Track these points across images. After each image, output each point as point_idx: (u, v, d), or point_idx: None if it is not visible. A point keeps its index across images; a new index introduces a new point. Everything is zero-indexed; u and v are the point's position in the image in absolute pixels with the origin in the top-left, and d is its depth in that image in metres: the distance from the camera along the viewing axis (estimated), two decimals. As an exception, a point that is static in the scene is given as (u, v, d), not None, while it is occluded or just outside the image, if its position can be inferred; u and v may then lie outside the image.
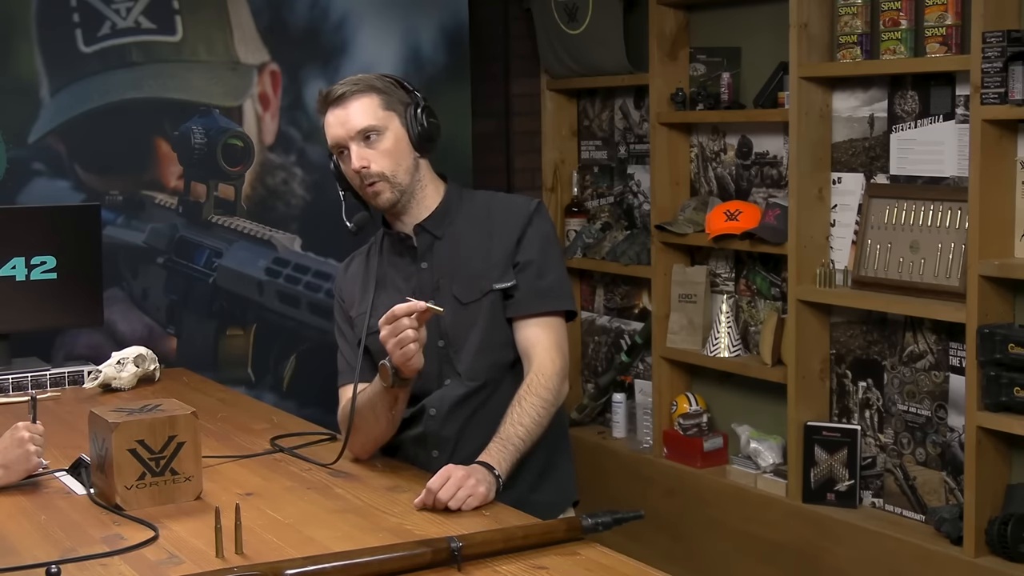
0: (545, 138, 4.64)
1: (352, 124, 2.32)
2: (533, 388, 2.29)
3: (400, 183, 2.36)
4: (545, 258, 2.39)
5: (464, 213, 2.43)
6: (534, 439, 2.26)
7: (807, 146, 3.49)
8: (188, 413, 2.13)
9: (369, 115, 2.33)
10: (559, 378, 2.33)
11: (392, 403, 2.27)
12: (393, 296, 2.39)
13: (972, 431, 3.03)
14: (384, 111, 2.35)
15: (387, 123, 2.34)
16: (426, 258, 2.40)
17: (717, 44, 3.95)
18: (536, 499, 2.34)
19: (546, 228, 2.43)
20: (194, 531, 1.99)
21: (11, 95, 3.49)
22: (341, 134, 2.34)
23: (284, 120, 3.89)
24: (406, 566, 1.78)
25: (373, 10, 4.01)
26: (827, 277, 3.45)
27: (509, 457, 2.20)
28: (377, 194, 2.35)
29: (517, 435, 2.23)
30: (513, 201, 2.50)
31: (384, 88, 2.36)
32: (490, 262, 2.36)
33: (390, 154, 2.34)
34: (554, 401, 2.31)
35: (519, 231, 2.39)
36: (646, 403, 4.18)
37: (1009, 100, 2.89)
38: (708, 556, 3.79)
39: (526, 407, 2.27)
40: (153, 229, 3.72)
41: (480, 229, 2.41)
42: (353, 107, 2.33)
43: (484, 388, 2.37)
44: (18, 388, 3.10)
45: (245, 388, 3.77)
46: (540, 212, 2.43)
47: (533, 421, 2.26)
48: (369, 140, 2.33)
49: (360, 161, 2.32)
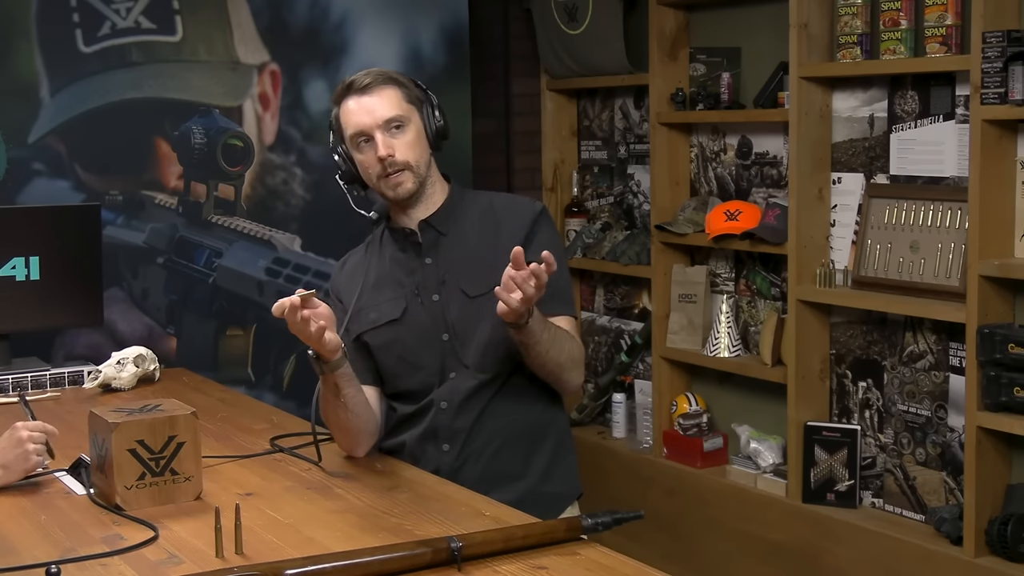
0: (545, 138, 4.64)
1: (379, 113, 2.32)
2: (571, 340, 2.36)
3: (421, 174, 2.37)
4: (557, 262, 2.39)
5: (468, 211, 2.44)
6: (552, 350, 2.29)
7: (807, 146, 3.49)
8: (188, 413, 2.13)
9: (395, 105, 2.34)
10: (582, 365, 2.40)
11: (335, 390, 2.25)
12: (395, 291, 2.40)
13: (972, 431, 3.03)
14: (407, 104, 2.36)
15: (410, 115, 2.36)
16: (430, 254, 2.40)
17: (717, 44, 3.95)
18: (547, 490, 2.37)
19: (554, 233, 2.47)
20: (194, 531, 1.98)
21: (11, 95, 3.50)
22: (367, 121, 2.33)
23: (284, 120, 3.89)
24: (406, 566, 1.78)
25: (373, 10, 4.01)
26: (827, 277, 3.45)
27: (542, 319, 2.25)
28: (399, 184, 2.35)
29: (551, 327, 2.29)
30: (517, 200, 2.52)
31: (403, 82, 2.38)
32: (497, 256, 2.35)
33: (413, 146, 2.35)
34: (571, 368, 2.36)
35: (527, 228, 2.40)
36: (646, 403, 4.18)
37: (1009, 100, 2.89)
38: (708, 556, 3.79)
39: (565, 337, 2.33)
40: (153, 229, 3.72)
41: (485, 225, 2.42)
42: (379, 96, 2.34)
43: (495, 380, 2.37)
44: (19, 388, 3.10)
45: (245, 388, 3.77)
46: (546, 215, 2.46)
47: (560, 343, 2.31)
48: (394, 130, 2.33)
49: (387, 149, 2.32)
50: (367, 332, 2.41)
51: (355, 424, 2.34)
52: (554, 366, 2.33)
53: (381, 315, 2.41)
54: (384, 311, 2.41)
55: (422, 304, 2.38)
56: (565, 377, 2.37)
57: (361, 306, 2.42)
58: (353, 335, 2.41)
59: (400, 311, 2.39)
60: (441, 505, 2.11)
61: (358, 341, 2.41)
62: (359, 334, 2.41)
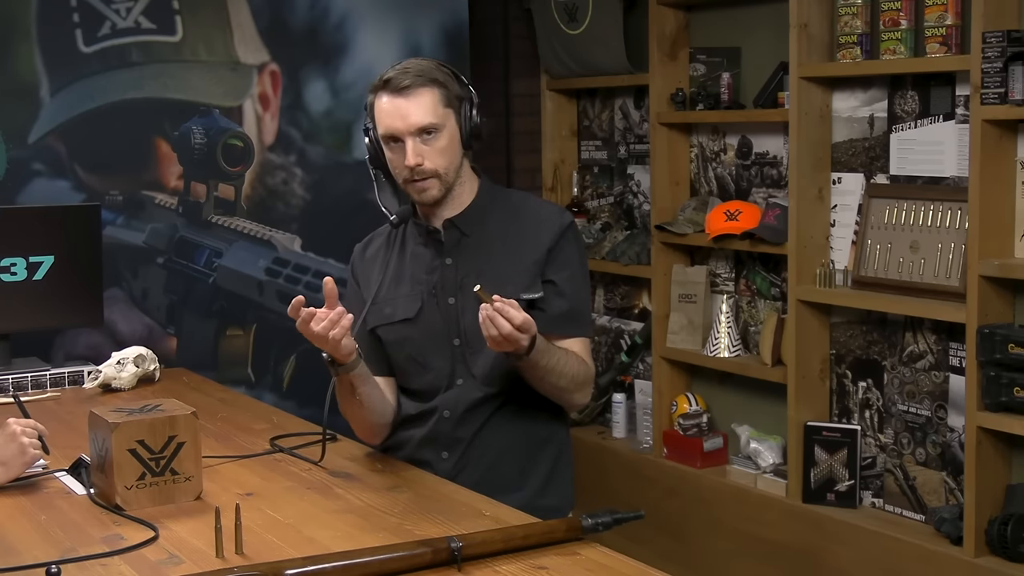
0: (545, 138, 4.64)
1: (413, 120, 2.26)
2: (579, 363, 2.34)
3: (449, 181, 2.32)
4: (577, 284, 2.38)
5: (495, 213, 2.39)
6: (553, 375, 2.27)
7: (807, 146, 3.49)
8: (188, 413, 2.13)
9: (430, 112, 2.27)
10: (589, 385, 2.38)
11: (350, 388, 2.25)
12: (413, 287, 2.38)
13: (972, 431, 3.03)
14: (443, 108, 2.29)
15: (445, 121, 2.29)
16: (452, 254, 2.37)
17: (717, 44, 3.96)
18: (542, 503, 2.35)
19: (576, 250, 2.40)
20: (194, 531, 1.98)
21: (11, 95, 3.49)
22: (400, 127, 2.27)
23: (284, 120, 3.89)
24: (406, 566, 1.78)
25: (373, 10, 4.01)
26: (827, 277, 3.45)
27: (545, 346, 2.22)
28: (425, 190, 2.31)
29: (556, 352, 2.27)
30: (545, 208, 2.45)
31: (444, 82, 2.31)
32: (518, 267, 2.34)
33: (444, 153, 2.30)
34: (575, 391, 2.34)
35: (551, 242, 2.35)
36: (646, 403, 4.18)
37: (1009, 100, 2.89)
38: (708, 556, 3.79)
39: (571, 361, 2.31)
40: (153, 229, 3.72)
41: (510, 232, 2.37)
42: (416, 101, 2.27)
43: (500, 394, 2.35)
44: (19, 388, 3.10)
45: (245, 388, 3.77)
46: (573, 229, 2.40)
47: (565, 367, 2.29)
48: (426, 137, 2.28)
49: (416, 159, 2.27)
50: (381, 327, 2.40)
51: (371, 419, 2.35)
52: (555, 390, 2.32)
53: (396, 312, 2.38)
54: (399, 308, 2.38)
55: (438, 305, 2.36)
56: (567, 398, 2.36)
57: (378, 299, 2.40)
58: (369, 327, 2.39)
59: (415, 310, 2.37)
60: (441, 505, 2.11)
61: (373, 334, 2.40)
62: (374, 327, 2.40)
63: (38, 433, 2.24)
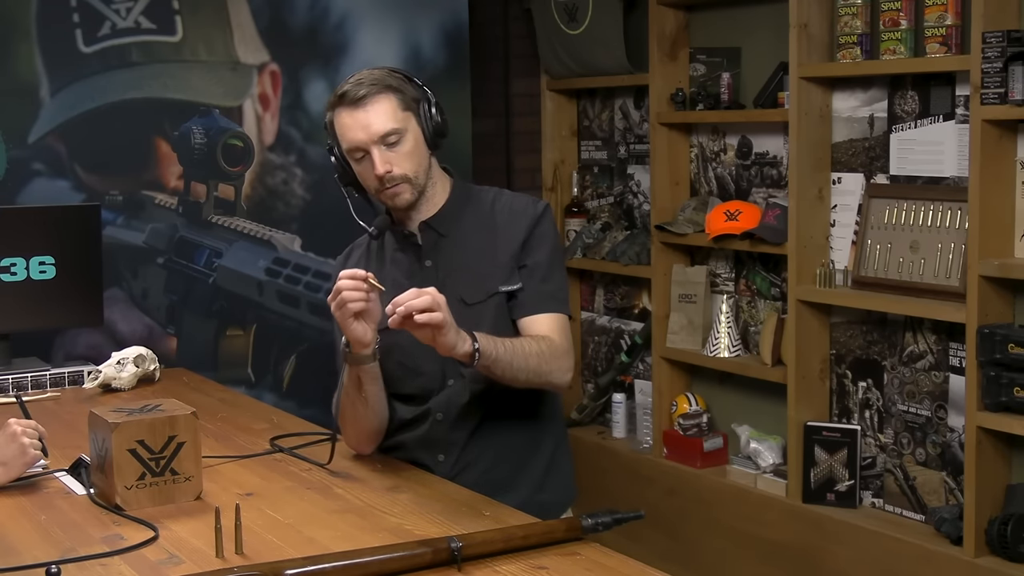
0: (545, 138, 4.64)
1: (374, 129, 2.27)
2: (539, 340, 2.27)
3: (420, 183, 2.33)
4: (550, 263, 2.37)
5: (469, 211, 2.41)
6: (515, 367, 2.21)
7: (807, 146, 3.50)
8: (188, 413, 2.13)
9: (390, 118, 2.28)
10: (566, 358, 2.31)
11: (357, 383, 2.26)
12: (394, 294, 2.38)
13: (972, 431, 3.03)
14: (403, 112, 2.29)
15: (406, 124, 2.29)
16: (431, 256, 2.38)
17: (717, 44, 3.96)
18: (542, 499, 2.35)
19: (552, 232, 2.41)
20: (194, 531, 1.98)
21: (11, 95, 3.49)
22: (363, 137, 2.27)
23: (284, 120, 3.89)
24: (406, 566, 1.78)
25: (373, 10, 4.01)
26: (827, 277, 3.45)
27: (492, 343, 2.16)
28: (397, 195, 2.31)
29: (506, 343, 2.20)
30: (519, 200, 2.46)
31: (398, 86, 2.31)
32: (496, 263, 2.35)
33: (411, 156, 2.30)
34: (549, 369, 2.26)
35: (525, 232, 2.36)
36: (646, 403, 4.18)
37: (1009, 100, 2.89)
38: (708, 556, 3.79)
39: (526, 342, 2.24)
40: (153, 229, 3.72)
41: (485, 229, 2.39)
42: (373, 110, 2.27)
43: (491, 390, 2.35)
44: (19, 388, 3.10)
45: (245, 388, 3.77)
46: (547, 215, 2.40)
47: (524, 352, 2.22)
48: (391, 143, 2.28)
49: (384, 166, 2.27)
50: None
51: (370, 421, 2.34)
52: (525, 377, 2.26)
53: (381, 320, 2.39)
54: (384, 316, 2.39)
55: None
56: (546, 380, 2.31)
57: None
58: None
59: None
60: (441, 505, 2.11)
61: None
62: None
63: (37, 433, 2.25)
